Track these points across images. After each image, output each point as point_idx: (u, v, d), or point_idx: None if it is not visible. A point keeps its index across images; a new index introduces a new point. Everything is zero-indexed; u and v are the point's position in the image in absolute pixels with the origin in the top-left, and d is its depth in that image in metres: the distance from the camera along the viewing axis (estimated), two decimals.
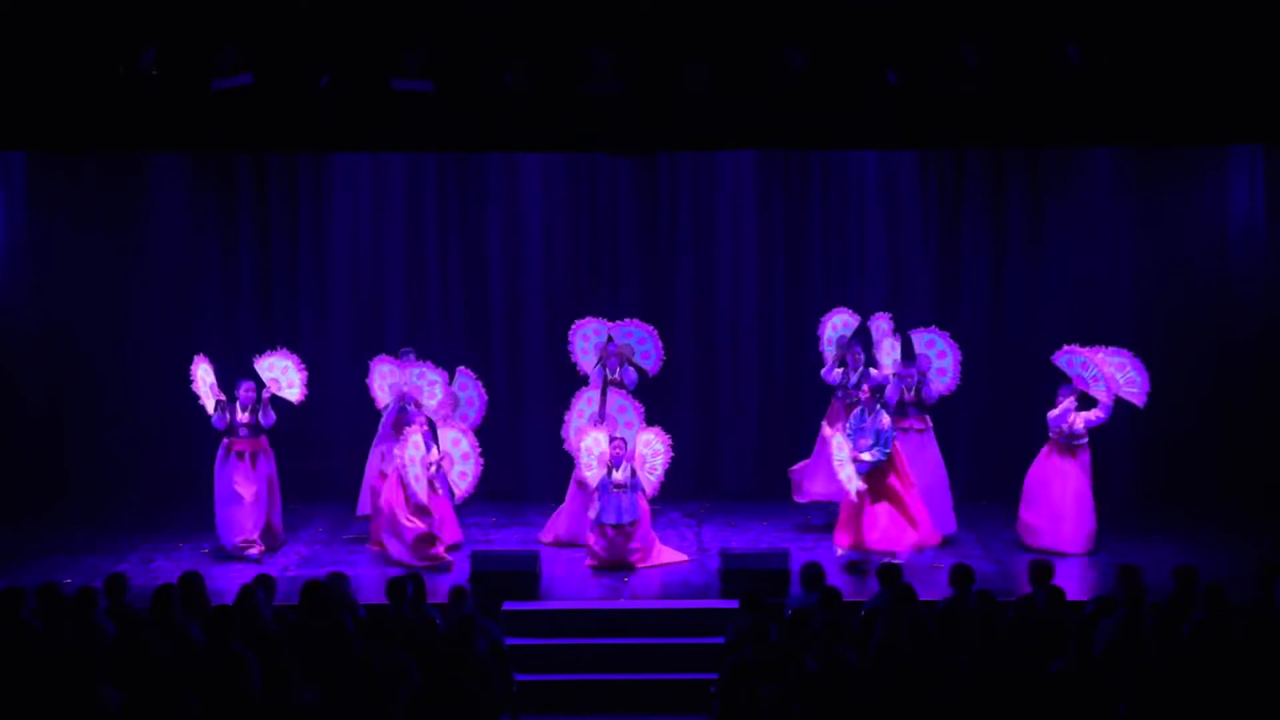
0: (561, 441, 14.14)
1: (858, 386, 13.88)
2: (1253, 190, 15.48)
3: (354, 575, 12.58)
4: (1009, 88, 12.95)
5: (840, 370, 14.15)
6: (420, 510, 13.10)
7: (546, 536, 13.93)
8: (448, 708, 9.02)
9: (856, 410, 13.23)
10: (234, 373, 15.63)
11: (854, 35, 12.94)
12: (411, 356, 14.02)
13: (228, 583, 12.55)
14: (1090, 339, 15.62)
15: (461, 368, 14.04)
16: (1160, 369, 15.60)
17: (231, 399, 13.51)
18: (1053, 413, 13.50)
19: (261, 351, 15.57)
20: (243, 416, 13.46)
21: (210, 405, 13.49)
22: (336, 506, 14.37)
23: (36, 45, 12.74)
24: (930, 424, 13.97)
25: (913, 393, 13.82)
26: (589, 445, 13.30)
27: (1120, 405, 13.68)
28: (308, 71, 12.98)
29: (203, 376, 13.57)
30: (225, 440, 13.53)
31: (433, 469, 13.19)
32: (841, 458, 12.92)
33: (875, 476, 13.05)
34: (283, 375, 13.60)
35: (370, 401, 14.09)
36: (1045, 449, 13.63)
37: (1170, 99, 12.89)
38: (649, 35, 13.00)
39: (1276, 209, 15.44)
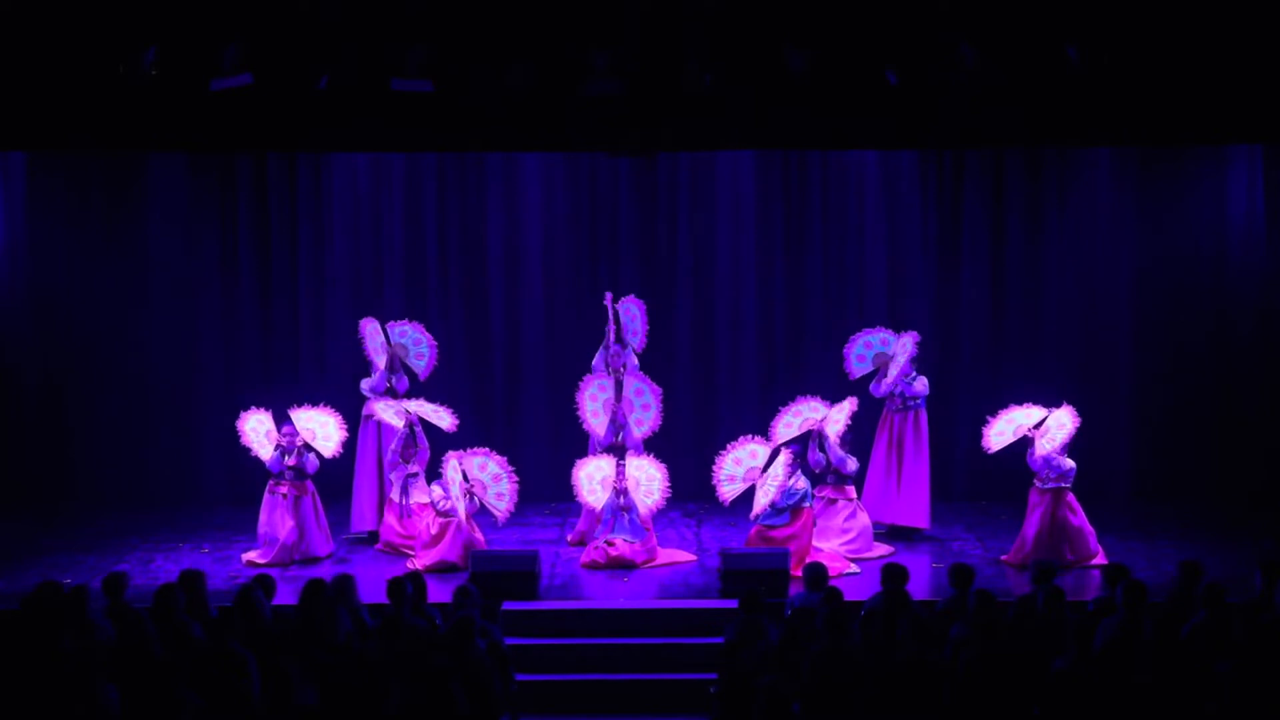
0: (563, 438, 14.08)
1: (903, 396, 13.89)
2: (1252, 190, 15.47)
3: (353, 575, 12.63)
4: (1009, 88, 12.96)
5: (887, 380, 14.05)
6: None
7: (572, 537, 13.96)
8: (447, 708, 9.02)
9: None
10: (235, 374, 15.74)
11: (854, 35, 12.96)
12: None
13: (222, 581, 12.66)
14: (1090, 338, 15.68)
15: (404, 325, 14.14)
16: (1160, 368, 15.66)
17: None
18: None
19: (260, 352, 15.71)
20: (288, 460, 13.38)
21: (267, 452, 13.36)
22: (334, 507, 14.32)
23: (36, 45, 12.75)
24: (849, 494, 13.53)
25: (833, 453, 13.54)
26: (590, 473, 13.27)
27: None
28: (308, 71, 13.00)
29: (254, 428, 13.45)
30: (270, 482, 13.44)
31: (465, 499, 13.18)
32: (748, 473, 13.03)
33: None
34: (320, 429, 13.51)
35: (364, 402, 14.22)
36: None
37: (1170, 99, 12.91)
38: (649, 35, 13.02)
39: (1276, 209, 15.44)
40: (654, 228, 15.82)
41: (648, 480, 13.25)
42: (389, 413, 13.76)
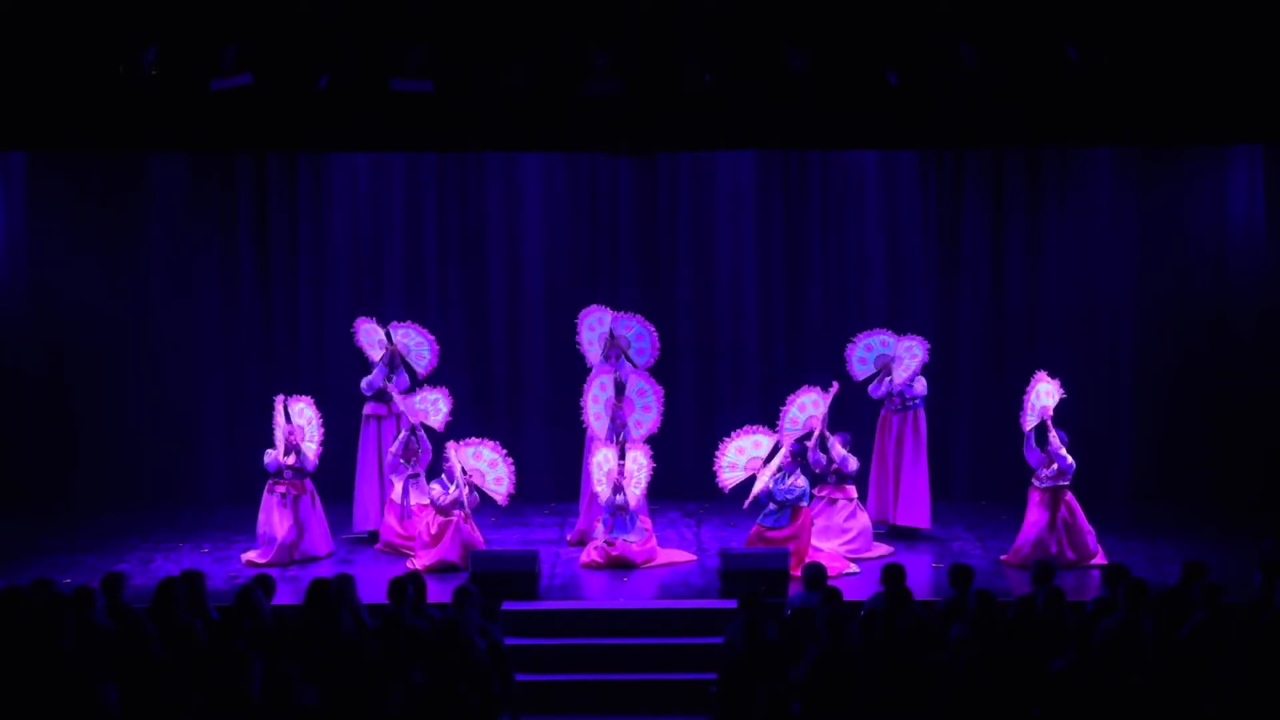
0: (562, 438, 14.09)
1: (902, 396, 13.89)
2: (1252, 190, 15.48)
3: (353, 575, 12.64)
4: (1009, 88, 12.96)
5: (887, 380, 14.03)
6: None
7: (572, 537, 13.96)
8: (447, 708, 9.03)
9: (779, 474, 13.10)
10: (235, 374, 15.75)
11: (854, 35, 12.96)
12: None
13: (222, 581, 12.67)
14: (1090, 338, 15.68)
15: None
16: (1160, 368, 15.66)
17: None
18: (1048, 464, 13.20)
19: (260, 352, 15.72)
20: (286, 459, 13.38)
21: (281, 449, 13.40)
22: (335, 507, 14.33)
23: (36, 45, 12.76)
24: (850, 494, 13.56)
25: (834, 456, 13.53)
26: (599, 461, 13.28)
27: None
28: (308, 71, 13.00)
29: (305, 416, 13.51)
30: (269, 482, 13.42)
31: (464, 492, 13.20)
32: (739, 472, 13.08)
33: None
34: (308, 425, 13.48)
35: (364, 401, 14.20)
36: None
37: (1170, 99, 12.91)
38: (649, 35, 13.02)
39: (1276, 209, 15.45)
40: (654, 228, 15.82)
41: (637, 469, 13.27)
42: (419, 407, 13.81)
